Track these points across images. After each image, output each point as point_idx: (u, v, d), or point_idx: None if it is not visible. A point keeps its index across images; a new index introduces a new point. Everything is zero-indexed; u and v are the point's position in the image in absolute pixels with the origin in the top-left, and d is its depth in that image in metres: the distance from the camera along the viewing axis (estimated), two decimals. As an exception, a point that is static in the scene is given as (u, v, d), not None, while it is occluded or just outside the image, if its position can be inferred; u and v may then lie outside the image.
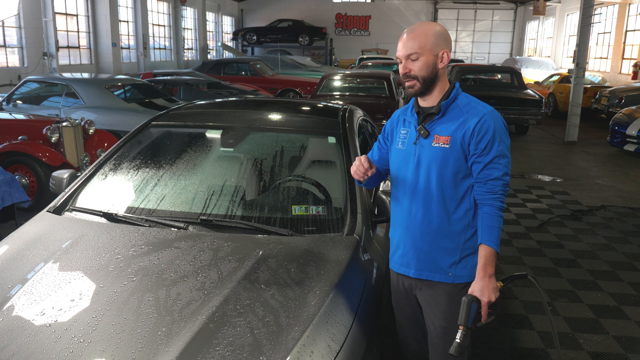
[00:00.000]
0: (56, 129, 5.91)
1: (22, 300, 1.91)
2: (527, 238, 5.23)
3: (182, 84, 10.85)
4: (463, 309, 1.86)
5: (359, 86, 10.37)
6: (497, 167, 1.91)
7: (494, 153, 1.90)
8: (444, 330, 2.03)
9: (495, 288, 1.89)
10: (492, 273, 1.90)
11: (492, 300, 1.88)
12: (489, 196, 1.92)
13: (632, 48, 19.17)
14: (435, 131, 1.97)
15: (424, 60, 1.92)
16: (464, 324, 1.85)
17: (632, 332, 3.52)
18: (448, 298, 2.01)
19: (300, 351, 1.67)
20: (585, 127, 12.65)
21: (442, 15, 33.09)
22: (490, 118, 1.93)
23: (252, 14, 33.33)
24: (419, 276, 2.05)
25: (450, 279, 2.00)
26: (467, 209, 1.98)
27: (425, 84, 1.95)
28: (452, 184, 1.96)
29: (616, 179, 7.92)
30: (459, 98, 1.99)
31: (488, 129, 1.91)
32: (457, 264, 1.99)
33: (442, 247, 1.99)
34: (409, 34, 1.94)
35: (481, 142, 1.90)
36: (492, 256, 1.90)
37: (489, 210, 1.91)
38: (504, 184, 1.92)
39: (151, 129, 3.18)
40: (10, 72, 14.11)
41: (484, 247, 1.90)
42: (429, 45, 1.92)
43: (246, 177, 2.88)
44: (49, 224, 2.48)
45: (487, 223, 1.91)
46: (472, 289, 1.90)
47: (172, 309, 1.83)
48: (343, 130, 2.98)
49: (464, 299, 1.87)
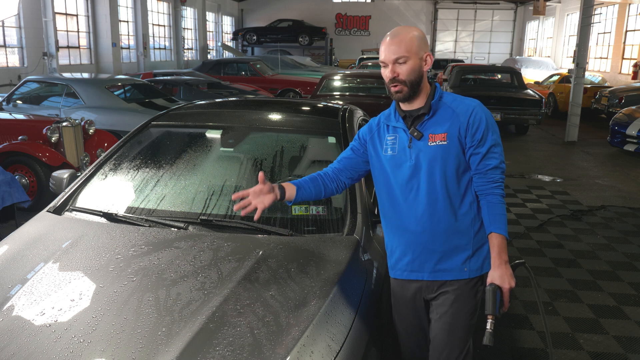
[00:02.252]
0: (56, 129, 5.91)
1: (22, 300, 1.91)
2: (527, 238, 5.23)
3: (182, 84, 10.85)
4: (489, 298, 1.88)
5: (359, 86, 10.36)
6: (494, 155, 1.96)
7: (490, 142, 1.95)
8: (449, 326, 2.03)
9: (512, 274, 1.93)
10: (507, 259, 1.94)
11: (512, 286, 1.91)
12: (491, 185, 1.95)
13: (632, 48, 19.17)
14: (429, 131, 1.98)
15: (411, 64, 1.93)
16: (492, 313, 1.86)
17: (632, 332, 3.52)
18: (459, 294, 2.02)
19: (300, 351, 1.67)
20: (585, 127, 12.65)
21: (442, 15, 33.09)
22: (481, 110, 1.99)
23: (252, 14, 33.34)
24: (434, 278, 2.04)
25: (466, 274, 2.01)
26: (471, 202, 2.00)
27: (412, 88, 1.96)
28: (455, 179, 1.98)
29: (616, 179, 7.92)
30: (444, 96, 2.04)
31: (481, 120, 1.95)
32: (471, 258, 2.01)
33: (454, 244, 2.00)
34: (394, 38, 1.94)
35: (477, 133, 1.95)
36: (504, 243, 1.94)
37: (493, 199, 1.95)
38: (502, 172, 1.98)
39: (151, 129, 3.18)
40: (10, 72, 14.11)
41: (495, 235, 1.94)
42: (414, 49, 1.93)
43: (246, 177, 2.88)
44: (49, 224, 2.48)
45: (494, 211, 1.95)
46: (491, 277, 1.92)
47: (172, 309, 1.83)
48: (343, 130, 2.98)
49: (488, 288, 1.90)
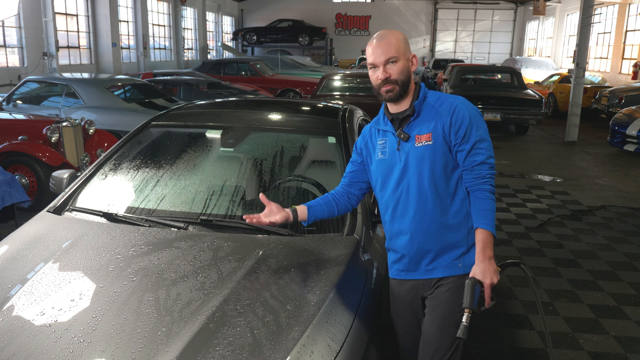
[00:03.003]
0: (56, 129, 5.91)
1: (22, 300, 1.91)
2: (527, 238, 5.23)
3: (182, 84, 10.85)
4: (467, 291, 1.87)
5: (359, 86, 10.37)
6: (480, 151, 1.96)
7: (474, 138, 1.96)
8: (441, 319, 2.03)
9: (496, 270, 1.91)
10: (492, 255, 1.92)
11: (494, 282, 1.90)
12: (478, 181, 1.96)
13: (632, 48, 19.17)
14: (415, 132, 2.01)
15: (401, 64, 1.99)
16: (469, 306, 1.85)
17: (632, 332, 3.52)
18: (453, 289, 2.02)
19: (300, 351, 1.67)
20: (585, 127, 12.65)
21: (442, 15, 33.09)
22: (464, 106, 2.00)
23: (252, 14, 33.34)
24: (429, 276, 2.06)
25: (460, 270, 2.01)
26: (462, 199, 2.01)
27: (403, 87, 2.01)
28: (444, 178, 1.99)
29: (616, 179, 7.92)
30: (428, 96, 2.05)
31: (464, 117, 1.96)
32: (466, 254, 2.01)
33: (448, 242, 2.01)
34: (382, 40, 1.99)
35: (460, 130, 1.96)
36: (489, 239, 1.92)
37: (480, 195, 1.95)
38: (490, 167, 1.97)
39: (151, 129, 3.18)
40: (10, 72, 14.11)
41: (480, 230, 1.93)
42: (402, 50, 2.00)
43: (246, 177, 2.88)
44: (49, 224, 2.48)
45: (480, 207, 1.94)
46: (473, 272, 1.92)
47: (172, 309, 1.83)
48: (343, 130, 2.98)
49: (468, 282, 1.89)
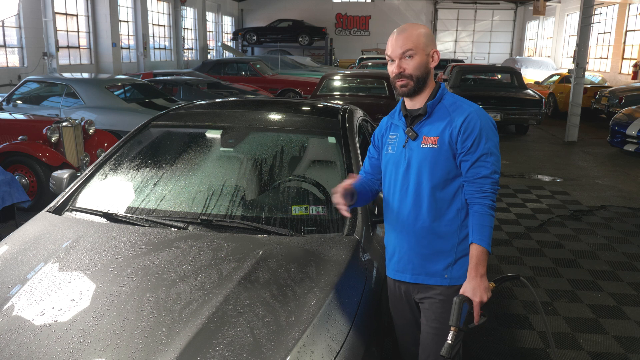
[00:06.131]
0: (56, 129, 5.91)
1: (22, 300, 1.91)
2: (527, 238, 5.23)
3: (182, 84, 10.85)
4: (455, 309, 1.83)
5: (359, 86, 10.36)
6: (485, 165, 1.90)
7: (481, 151, 1.90)
8: (435, 331, 2.01)
9: (487, 288, 1.87)
10: (484, 273, 1.87)
11: (484, 301, 1.85)
12: (479, 195, 1.90)
13: (632, 48, 19.16)
14: (423, 132, 1.97)
15: (418, 59, 1.94)
16: (455, 325, 1.82)
17: (632, 332, 3.52)
18: (443, 300, 1.99)
19: (300, 351, 1.67)
20: (585, 127, 12.65)
21: (442, 15, 33.08)
22: (477, 116, 1.93)
23: (252, 14, 33.33)
24: (415, 280, 2.04)
25: (446, 281, 1.98)
26: (458, 208, 1.96)
27: (418, 83, 1.96)
28: (443, 184, 1.95)
29: (616, 179, 7.92)
30: (445, 98, 1.99)
31: (474, 127, 1.90)
32: (453, 265, 1.97)
33: (437, 249, 1.98)
34: (401, 33, 1.95)
35: (467, 140, 1.90)
36: (484, 255, 1.87)
37: (479, 209, 1.90)
38: (493, 182, 1.91)
39: (151, 129, 3.17)
40: (10, 72, 14.11)
41: (475, 246, 1.88)
42: (422, 45, 1.94)
43: (246, 177, 2.88)
44: (49, 224, 2.48)
45: (478, 222, 1.89)
46: (463, 289, 1.88)
47: (172, 309, 1.83)
48: (343, 130, 2.98)
49: (456, 299, 1.85)
